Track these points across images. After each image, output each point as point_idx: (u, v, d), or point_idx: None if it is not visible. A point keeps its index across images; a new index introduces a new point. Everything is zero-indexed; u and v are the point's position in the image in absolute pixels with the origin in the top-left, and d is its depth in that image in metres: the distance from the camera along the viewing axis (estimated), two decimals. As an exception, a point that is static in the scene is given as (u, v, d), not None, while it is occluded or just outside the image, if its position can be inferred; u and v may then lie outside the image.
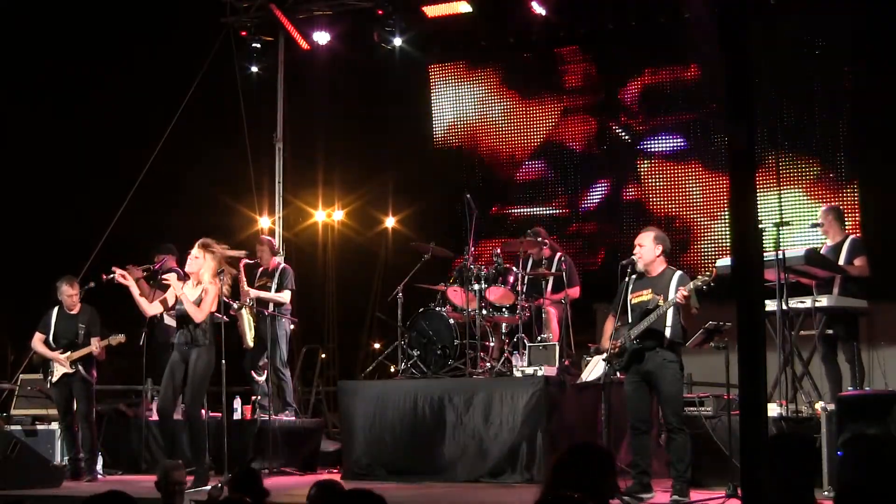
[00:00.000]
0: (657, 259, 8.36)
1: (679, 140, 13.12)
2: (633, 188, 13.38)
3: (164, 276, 10.02)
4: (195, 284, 9.63)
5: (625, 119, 13.48)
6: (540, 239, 11.19)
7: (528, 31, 13.62)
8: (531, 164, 14.03)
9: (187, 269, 9.74)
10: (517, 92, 14.08)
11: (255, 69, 14.37)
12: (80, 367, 10.41)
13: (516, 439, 9.67)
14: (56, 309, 10.63)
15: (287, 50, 14.43)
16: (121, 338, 10.52)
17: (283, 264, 12.18)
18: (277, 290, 11.71)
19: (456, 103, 14.44)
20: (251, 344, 11.59)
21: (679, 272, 8.29)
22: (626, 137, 13.48)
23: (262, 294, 11.65)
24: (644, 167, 13.30)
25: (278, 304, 11.68)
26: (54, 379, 10.48)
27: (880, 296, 9.89)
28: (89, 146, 13.65)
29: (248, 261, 11.85)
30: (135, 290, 9.87)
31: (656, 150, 13.25)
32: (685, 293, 7.95)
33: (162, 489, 6.68)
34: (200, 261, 9.62)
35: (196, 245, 9.68)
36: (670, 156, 13.15)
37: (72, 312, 10.60)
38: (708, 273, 8.05)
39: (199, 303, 9.51)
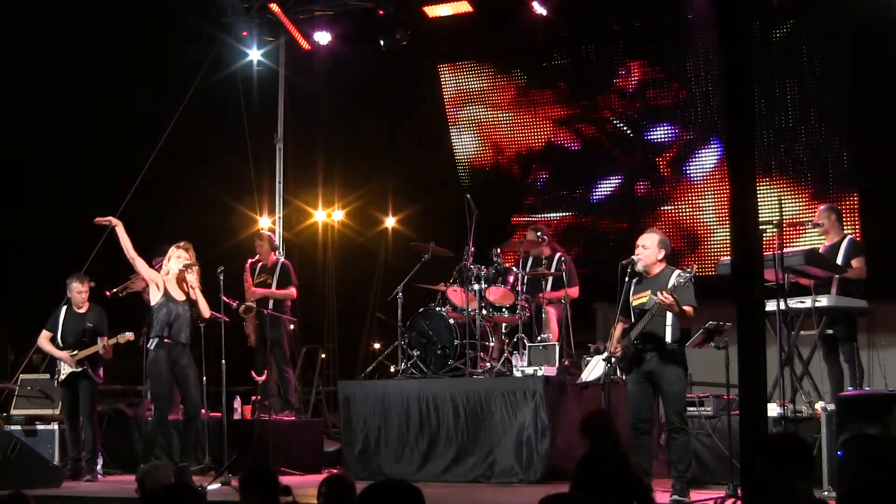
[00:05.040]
0: (657, 262, 8.36)
1: (683, 138, 13.14)
2: (642, 186, 13.38)
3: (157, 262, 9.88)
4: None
5: (628, 119, 13.46)
6: (539, 234, 11.19)
7: (530, 31, 13.58)
8: (537, 164, 14.02)
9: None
10: (520, 92, 14.07)
11: (255, 69, 14.35)
12: (87, 367, 10.42)
13: (516, 439, 9.67)
14: (64, 307, 10.64)
15: (288, 50, 14.42)
16: (129, 336, 10.50)
17: (282, 260, 12.16)
18: (280, 287, 11.69)
19: (457, 103, 14.43)
20: (254, 343, 11.63)
21: (677, 270, 8.28)
22: (630, 133, 13.46)
23: (269, 292, 11.64)
24: (650, 164, 13.30)
25: (280, 301, 11.67)
26: (61, 378, 10.49)
27: (880, 296, 9.89)
28: (89, 145, 13.64)
29: (252, 260, 11.88)
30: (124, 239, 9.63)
31: (661, 146, 13.25)
32: (664, 297, 7.93)
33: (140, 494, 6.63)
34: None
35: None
36: (674, 153, 13.16)
37: (80, 311, 10.60)
38: (688, 269, 8.08)
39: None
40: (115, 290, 11.48)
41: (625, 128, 13.51)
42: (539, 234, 11.22)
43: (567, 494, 3.87)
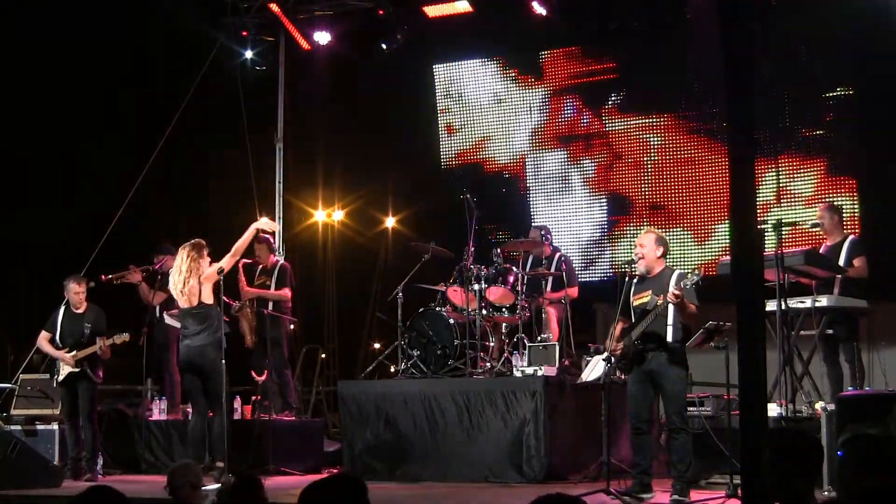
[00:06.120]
0: (657, 260, 8.38)
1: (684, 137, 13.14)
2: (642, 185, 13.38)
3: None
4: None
5: (629, 118, 13.45)
6: (543, 233, 11.19)
7: (530, 32, 13.57)
8: (537, 163, 14.02)
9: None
10: (520, 92, 14.06)
11: (255, 69, 14.35)
12: (86, 367, 10.42)
13: (516, 439, 9.68)
14: (62, 308, 10.64)
15: (287, 50, 14.42)
16: (125, 337, 10.52)
17: (281, 261, 12.16)
18: (277, 288, 11.68)
19: (457, 103, 14.42)
20: (251, 344, 11.62)
21: (678, 271, 8.31)
22: (631, 135, 13.46)
23: (262, 293, 11.63)
24: (649, 164, 13.30)
25: (279, 302, 11.66)
26: (60, 378, 10.50)
27: (880, 296, 9.89)
28: (89, 145, 13.64)
29: (246, 260, 11.86)
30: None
31: (660, 148, 13.25)
32: (676, 292, 7.95)
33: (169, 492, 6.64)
34: None
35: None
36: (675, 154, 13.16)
37: (78, 311, 10.60)
38: (696, 271, 8.09)
39: None
40: (110, 276, 11.52)
41: (622, 128, 13.50)
42: (542, 233, 11.23)
43: (560, 494, 3.85)
